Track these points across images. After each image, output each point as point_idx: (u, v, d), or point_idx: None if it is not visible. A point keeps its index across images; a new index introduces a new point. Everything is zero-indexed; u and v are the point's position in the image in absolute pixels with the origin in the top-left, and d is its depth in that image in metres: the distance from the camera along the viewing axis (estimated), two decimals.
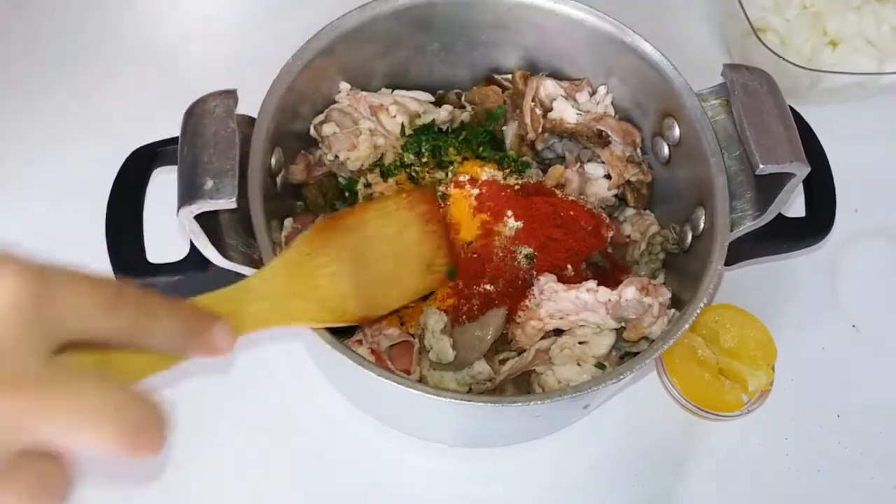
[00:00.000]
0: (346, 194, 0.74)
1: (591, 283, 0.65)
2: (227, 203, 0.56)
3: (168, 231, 0.68)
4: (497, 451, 0.75)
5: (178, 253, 0.63)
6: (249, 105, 0.64)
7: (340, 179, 0.75)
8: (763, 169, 0.60)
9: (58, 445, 0.33)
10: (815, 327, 0.81)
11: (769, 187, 0.63)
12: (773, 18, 0.90)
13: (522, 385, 0.69)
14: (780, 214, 0.66)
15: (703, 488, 0.74)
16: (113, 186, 0.65)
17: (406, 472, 0.74)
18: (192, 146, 0.58)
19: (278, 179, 0.70)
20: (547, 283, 0.67)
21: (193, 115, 0.59)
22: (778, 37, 0.90)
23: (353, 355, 0.58)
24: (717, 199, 0.65)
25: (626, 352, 0.68)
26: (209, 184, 0.56)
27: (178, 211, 0.57)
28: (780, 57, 0.83)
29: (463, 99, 0.79)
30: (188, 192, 0.56)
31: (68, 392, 0.32)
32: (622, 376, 0.58)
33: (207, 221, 0.59)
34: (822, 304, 0.83)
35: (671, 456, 0.75)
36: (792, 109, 0.67)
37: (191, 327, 0.40)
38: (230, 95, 0.60)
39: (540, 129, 0.75)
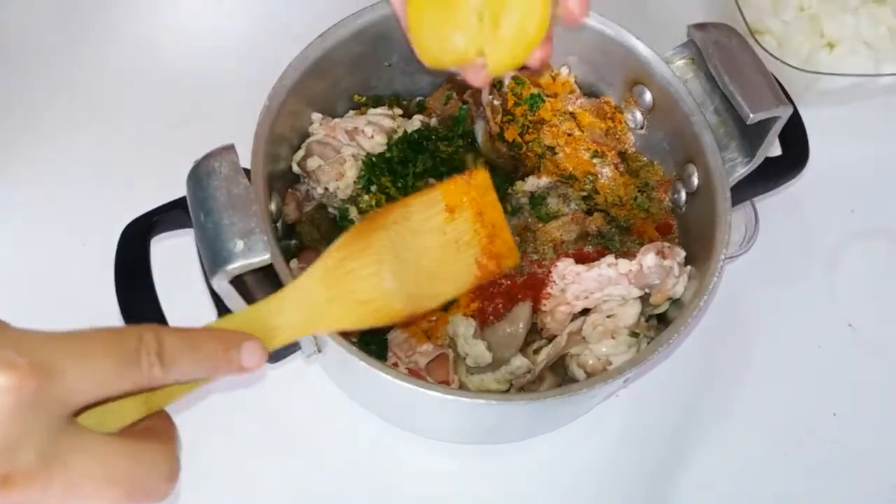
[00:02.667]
0: (342, 223, 0.73)
1: (610, 258, 0.67)
2: (262, 261, 0.55)
3: (181, 300, 0.65)
4: (498, 449, 0.76)
5: (198, 317, 0.61)
6: None
7: (331, 210, 0.74)
8: (753, 118, 0.63)
9: None
10: (811, 326, 0.83)
11: (754, 133, 0.66)
12: (771, 21, 0.91)
13: (558, 370, 0.71)
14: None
15: (703, 487, 0.75)
16: (116, 269, 0.61)
17: (407, 472, 0.75)
18: (209, 211, 0.56)
19: (278, 225, 0.69)
20: (567, 267, 0.68)
21: (199, 178, 0.57)
22: (775, 39, 0.91)
23: (386, 370, 0.58)
24: (708, 154, 0.68)
25: (649, 315, 0.71)
26: (239, 245, 0.54)
27: (211, 278, 0.55)
28: (777, 59, 0.84)
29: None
30: (219, 258, 0.55)
31: (74, 468, 0.35)
32: (670, 342, 0.61)
33: (234, 283, 0.58)
34: (819, 304, 0.84)
35: (671, 455, 0.76)
36: None
37: (216, 356, 0.42)
38: (230, 150, 0.58)
39: (500, 119, 0.76)
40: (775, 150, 0.73)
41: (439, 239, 0.61)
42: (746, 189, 0.72)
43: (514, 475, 0.75)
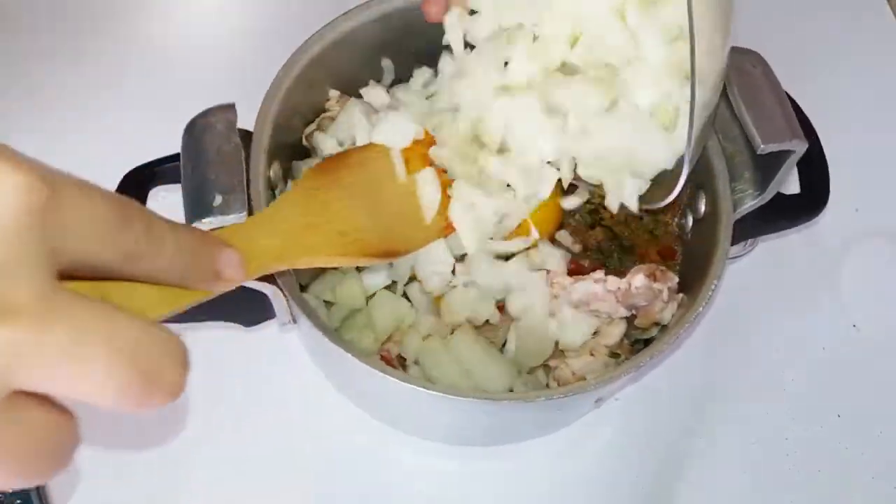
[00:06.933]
0: None
1: (599, 273, 0.66)
2: (238, 218, 0.56)
3: None
4: (497, 450, 0.75)
5: None
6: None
7: None
8: (764, 149, 0.61)
9: (57, 392, 0.27)
10: (815, 327, 0.81)
11: (768, 166, 0.64)
12: None
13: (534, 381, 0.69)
14: (778, 193, 0.67)
15: (704, 488, 0.74)
16: None
17: (405, 472, 0.74)
18: (197, 163, 0.57)
19: (276, 192, 0.69)
20: (556, 276, 0.67)
21: (194, 132, 0.59)
22: None
23: (354, 352, 0.57)
24: (717, 181, 0.65)
25: (636, 339, 0.69)
26: (218, 200, 0.55)
27: None
28: None
29: None
30: (196, 210, 0.56)
31: (72, 323, 0.26)
32: (641, 364, 0.59)
33: None
34: (823, 304, 0.82)
35: (671, 455, 0.75)
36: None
37: (195, 251, 0.36)
38: (230, 109, 0.60)
39: None
40: (793, 187, 0.71)
41: (401, 188, 0.62)
42: (757, 225, 0.69)
43: (509, 479, 0.74)
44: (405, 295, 0.68)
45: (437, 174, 0.64)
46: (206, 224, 0.55)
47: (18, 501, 0.66)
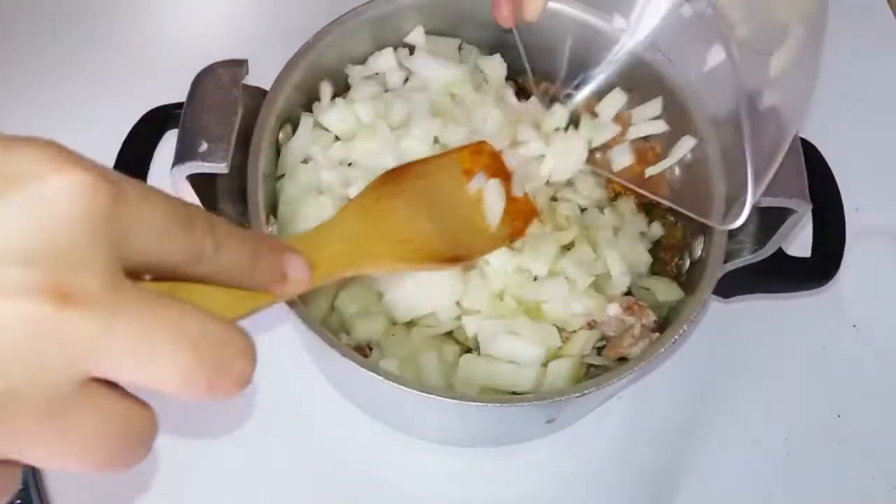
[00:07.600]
0: None
1: None
2: (218, 168, 0.57)
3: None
4: (497, 450, 0.74)
5: None
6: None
7: None
8: (762, 201, 0.58)
9: (127, 379, 0.28)
10: (815, 327, 0.80)
11: (770, 222, 0.61)
12: None
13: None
14: (783, 253, 0.64)
15: (703, 488, 0.73)
16: (123, 144, 0.66)
17: (398, 470, 0.73)
18: (195, 110, 0.59)
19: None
20: None
21: (201, 82, 0.61)
22: None
23: (335, 343, 0.57)
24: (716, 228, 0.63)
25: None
26: (203, 147, 0.57)
27: (171, 170, 0.58)
28: None
29: None
30: (182, 154, 0.58)
31: (139, 314, 0.27)
32: (587, 391, 0.57)
33: (204, 185, 0.61)
34: (823, 304, 0.81)
35: (671, 456, 0.74)
36: (810, 144, 0.65)
37: (259, 252, 0.35)
38: (239, 65, 0.61)
39: None
40: (804, 250, 0.67)
41: (464, 197, 0.62)
42: (755, 282, 0.67)
43: (508, 479, 0.73)
44: None
45: (501, 185, 0.64)
46: (187, 168, 0.57)
47: (18, 501, 0.66)
